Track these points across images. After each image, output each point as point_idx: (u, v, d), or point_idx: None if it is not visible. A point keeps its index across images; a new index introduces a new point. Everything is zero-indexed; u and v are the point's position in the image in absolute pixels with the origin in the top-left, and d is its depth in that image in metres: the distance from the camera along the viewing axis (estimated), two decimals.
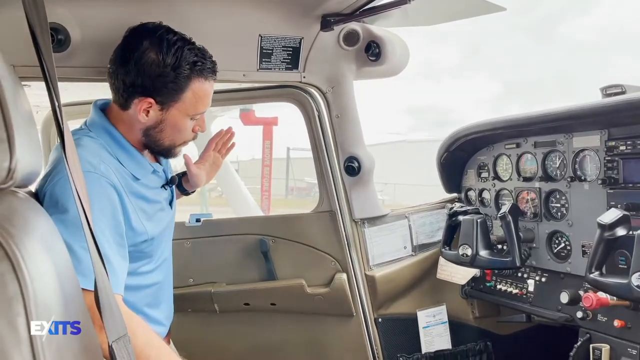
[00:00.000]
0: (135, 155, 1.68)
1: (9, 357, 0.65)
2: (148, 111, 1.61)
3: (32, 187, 1.51)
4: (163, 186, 1.81)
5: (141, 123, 1.64)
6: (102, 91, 1.73)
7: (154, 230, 1.72)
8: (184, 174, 2.10)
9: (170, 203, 1.88)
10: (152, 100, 1.60)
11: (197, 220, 2.43)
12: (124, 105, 1.63)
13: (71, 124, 1.66)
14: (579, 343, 1.91)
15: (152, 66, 1.56)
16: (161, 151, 1.75)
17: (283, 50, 2.10)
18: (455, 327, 2.55)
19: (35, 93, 2.09)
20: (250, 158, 24.96)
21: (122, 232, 1.56)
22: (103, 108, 1.71)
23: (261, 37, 2.03)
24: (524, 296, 2.24)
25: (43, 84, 1.00)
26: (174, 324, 2.01)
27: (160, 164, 1.82)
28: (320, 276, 2.40)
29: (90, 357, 0.94)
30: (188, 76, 1.60)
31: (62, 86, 1.20)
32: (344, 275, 2.37)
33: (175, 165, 2.14)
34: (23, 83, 1.53)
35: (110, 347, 0.98)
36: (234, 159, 24.81)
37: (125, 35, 1.62)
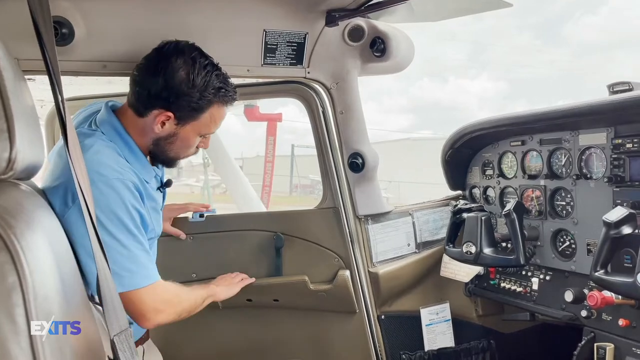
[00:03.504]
0: (143, 160, 1.73)
1: (7, 347, 0.65)
2: (164, 123, 1.66)
3: (38, 184, 1.51)
4: (158, 188, 1.86)
5: (154, 133, 1.68)
6: (106, 86, 1.73)
7: (158, 229, 1.80)
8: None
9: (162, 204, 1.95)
10: (171, 115, 1.65)
11: (201, 216, 2.43)
12: (141, 112, 1.67)
13: None
14: (583, 342, 1.90)
15: (182, 85, 1.61)
16: (163, 160, 1.81)
17: (287, 45, 2.09)
18: (459, 324, 2.54)
19: (40, 87, 2.10)
20: (255, 155, 24.98)
21: (144, 232, 1.64)
22: (114, 109, 1.73)
23: (266, 32, 2.03)
24: (528, 294, 2.23)
25: (47, 78, 1.00)
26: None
27: (157, 167, 1.87)
28: (323, 273, 2.40)
29: (91, 351, 0.94)
30: (210, 100, 1.66)
31: (66, 80, 1.20)
32: (347, 272, 2.37)
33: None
34: (27, 77, 1.54)
35: (112, 342, 0.97)
36: (239, 156, 24.86)
37: (157, 47, 1.64)
